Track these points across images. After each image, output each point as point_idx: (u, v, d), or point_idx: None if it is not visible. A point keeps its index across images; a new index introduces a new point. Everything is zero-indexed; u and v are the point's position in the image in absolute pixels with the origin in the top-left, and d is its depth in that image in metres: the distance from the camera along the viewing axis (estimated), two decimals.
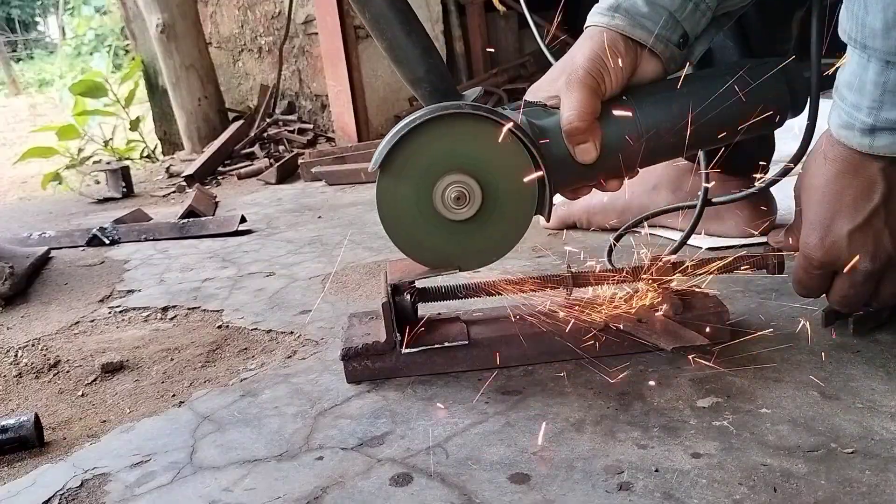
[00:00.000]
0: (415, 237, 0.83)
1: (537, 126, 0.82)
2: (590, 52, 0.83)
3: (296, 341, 1.07)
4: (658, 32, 0.83)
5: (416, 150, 0.79)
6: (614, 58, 0.82)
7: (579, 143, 0.82)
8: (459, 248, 0.83)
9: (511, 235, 0.83)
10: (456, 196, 0.80)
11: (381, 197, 0.81)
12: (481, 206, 0.81)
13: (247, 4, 3.51)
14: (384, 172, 0.80)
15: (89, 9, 8.08)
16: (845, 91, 0.75)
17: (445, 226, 0.82)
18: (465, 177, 0.80)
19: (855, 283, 0.81)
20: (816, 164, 0.80)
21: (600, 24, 0.84)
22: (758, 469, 0.66)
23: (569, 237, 1.41)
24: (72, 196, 2.72)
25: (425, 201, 0.81)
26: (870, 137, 0.74)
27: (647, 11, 0.83)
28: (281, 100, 3.39)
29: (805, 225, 0.82)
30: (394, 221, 0.82)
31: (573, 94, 0.81)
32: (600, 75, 0.82)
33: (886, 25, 0.69)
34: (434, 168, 0.80)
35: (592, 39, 0.84)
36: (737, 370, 0.83)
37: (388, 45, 0.80)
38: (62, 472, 0.78)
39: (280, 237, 1.71)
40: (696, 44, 0.88)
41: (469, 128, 0.79)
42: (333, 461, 0.74)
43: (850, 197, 0.78)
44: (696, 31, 0.86)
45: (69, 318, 1.28)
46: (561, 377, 0.86)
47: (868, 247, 0.78)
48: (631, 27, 0.83)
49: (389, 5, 0.78)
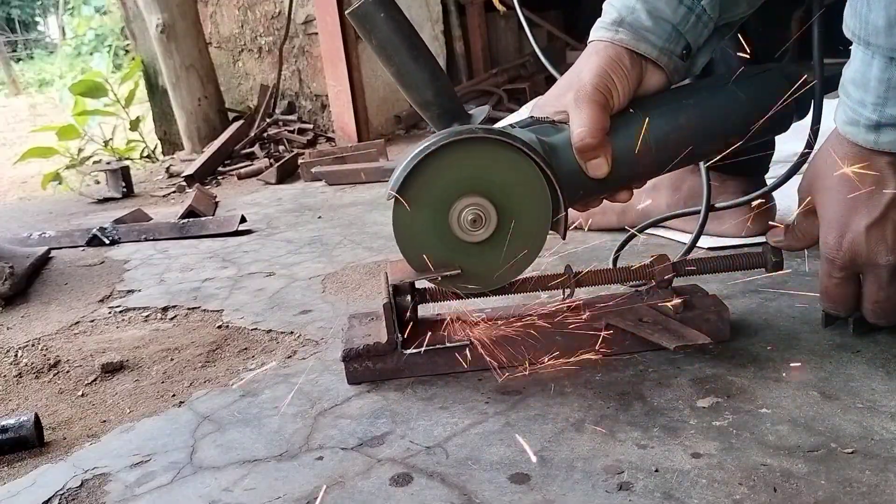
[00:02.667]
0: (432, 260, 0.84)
1: (547, 143, 0.83)
2: (596, 68, 0.83)
3: (296, 341, 1.07)
4: (662, 46, 0.84)
5: (432, 176, 0.80)
6: (620, 72, 0.83)
7: (591, 158, 0.82)
8: (477, 269, 0.84)
9: (528, 254, 0.84)
10: (472, 219, 0.81)
11: (399, 222, 0.82)
12: (497, 227, 0.82)
13: (247, 4, 3.51)
14: (400, 198, 0.81)
15: (89, 9, 8.07)
16: (850, 88, 0.75)
17: (463, 248, 0.83)
18: (481, 199, 0.81)
19: (883, 284, 0.79)
20: (825, 164, 0.80)
21: (605, 39, 0.85)
22: (758, 469, 0.66)
23: (569, 237, 1.40)
24: (72, 196, 2.72)
25: (442, 225, 0.82)
26: (875, 134, 0.75)
27: (651, 25, 0.83)
28: (281, 100, 3.39)
29: (822, 226, 0.82)
30: (411, 245, 0.83)
31: (583, 111, 0.81)
32: (608, 90, 0.82)
33: (889, 23, 0.69)
34: (450, 192, 0.81)
35: (598, 54, 0.84)
36: (737, 370, 0.83)
37: (395, 70, 0.81)
38: (62, 472, 0.78)
39: (280, 237, 1.71)
40: (699, 55, 0.89)
41: (483, 151, 0.80)
42: (333, 461, 0.74)
43: (864, 193, 0.78)
44: (699, 42, 0.87)
45: (69, 318, 1.28)
46: (561, 377, 0.86)
47: (887, 240, 0.77)
48: (635, 41, 0.84)
49: (395, 31, 0.79)
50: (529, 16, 3.43)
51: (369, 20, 0.79)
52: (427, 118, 0.84)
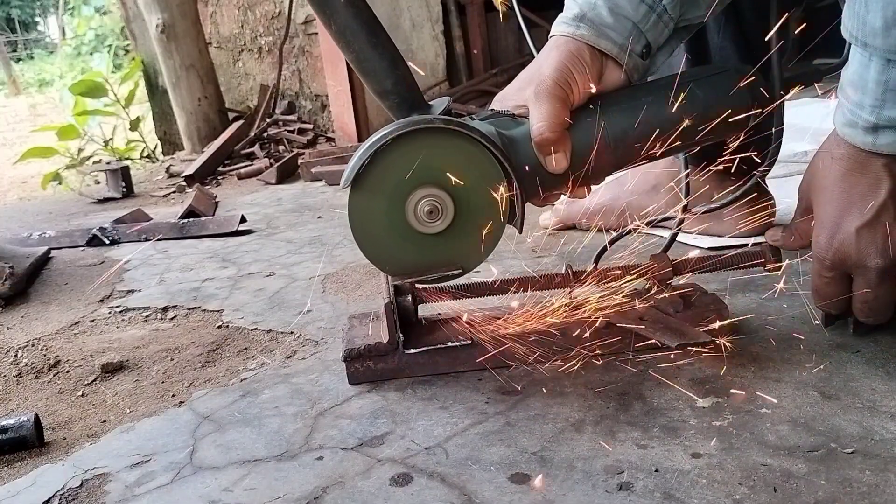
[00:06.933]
0: (387, 251, 0.83)
1: (506, 136, 0.83)
2: (557, 63, 0.83)
3: (296, 341, 1.07)
4: (622, 43, 0.84)
5: (388, 166, 0.80)
6: (580, 68, 0.83)
7: (550, 153, 0.82)
8: (433, 261, 0.84)
9: (484, 247, 0.84)
10: (429, 210, 0.81)
11: (354, 213, 0.81)
12: (454, 219, 0.81)
13: (247, 4, 3.51)
14: (356, 189, 0.80)
15: (89, 9, 8.07)
16: (849, 89, 0.75)
17: (418, 239, 0.83)
18: (438, 190, 0.81)
19: (872, 285, 0.79)
20: (823, 164, 0.81)
21: (565, 34, 0.85)
22: (758, 469, 0.66)
23: (569, 237, 1.41)
24: (72, 196, 2.72)
25: (398, 216, 0.81)
26: (873, 136, 0.75)
27: (612, 22, 0.84)
28: (281, 100, 3.39)
29: (815, 226, 0.82)
30: (366, 236, 0.83)
31: (542, 105, 0.81)
32: (568, 85, 0.82)
33: (886, 24, 0.69)
34: (406, 183, 0.80)
35: (558, 49, 0.84)
36: (737, 370, 0.83)
37: (354, 57, 0.80)
38: (62, 472, 0.78)
39: (280, 237, 1.71)
40: (658, 54, 0.89)
41: (440, 142, 0.80)
42: (333, 461, 0.74)
43: (858, 195, 0.78)
44: (659, 41, 0.88)
45: (69, 318, 1.28)
46: (561, 377, 0.86)
47: (877, 243, 0.78)
48: (596, 38, 0.84)
49: (355, 17, 0.78)
50: (529, 16, 3.43)
51: (329, 5, 0.78)
52: (386, 107, 0.83)
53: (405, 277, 0.87)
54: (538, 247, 1.37)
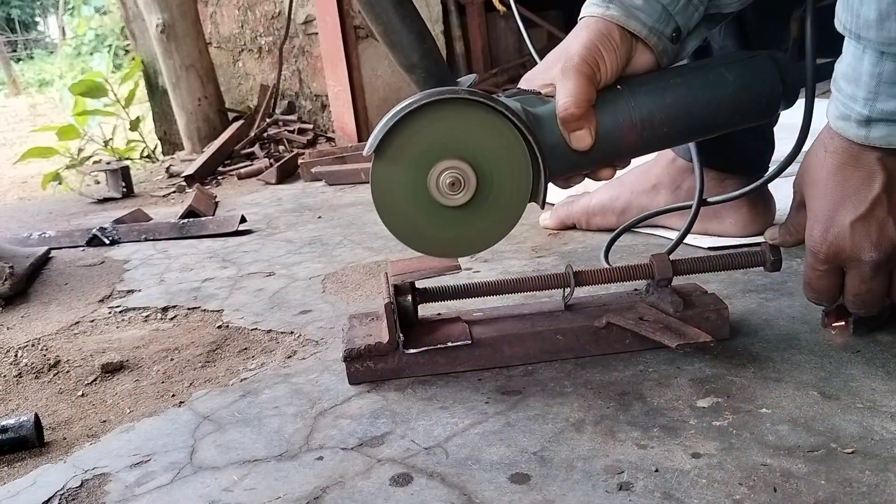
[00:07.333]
0: (409, 222, 0.82)
1: (532, 113, 0.82)
2: (585, 41, 0.83)
3: (296, 341, 1.07)
4: (652, 25, 0.84)
5: (411, 135, 0.78)
6: (609, 47, 0.83)
7: (575, 129, 0.82)
8: (453, 234, 0.82)
9: (505, 222, 0.82)
10: (451, 182, 0.79)
11: (376, 182, 0.80)
12: (476, 193, 0.80)
13: (247, 4, 3.51)
14: (379, 157, 0.79)
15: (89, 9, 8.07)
16: (842, 82, 0.75)
17: (440, 211, 0.81)
18: (461, 162, 0.79)
19: (865, 278, 0.79)
20: (817, 158, 0.80)
21: (595, 14, 0.85)
22: (758, 469, 0.66)
23: (569, 237, 1.41)
24: (72, 196, 2.72)
25: (420, 187, 0.80)
26: (866, 129, 0.74)
27: (642, 4, 0.84)
28: (281, 100, 3.39)
29: (809, 219, 0.82)
30: (388, 206, 0.81)
31: (569, 82, 0.81)
32: (595, 63, 0.82)
33: (880, 16, 0.69)
34: (429, 153, 0.79)
35: (588, 28, 0.84)
36: (737, 370, 0.83)
37: (382, 29, 0.79)
38: (62, 472, 0.78)
39: (280, 237, 1.71)
40: (689, 39, 0.89)
41: (465, 113, 0.78)
42: (333, 461, 0.74)
43: (852, 188, 0.78)
44: (689, 25, 0.87)
45: (69, 318, 1.28)
46: (561, 377, 0.86)
47: (871, 236, 0.77)
48: (626, 18, 0.83)
49: None
50: (528, 16, 3.43)
51: None
52: (412, 81, 0.82)
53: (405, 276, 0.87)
54: (538, 247, 1.37)
